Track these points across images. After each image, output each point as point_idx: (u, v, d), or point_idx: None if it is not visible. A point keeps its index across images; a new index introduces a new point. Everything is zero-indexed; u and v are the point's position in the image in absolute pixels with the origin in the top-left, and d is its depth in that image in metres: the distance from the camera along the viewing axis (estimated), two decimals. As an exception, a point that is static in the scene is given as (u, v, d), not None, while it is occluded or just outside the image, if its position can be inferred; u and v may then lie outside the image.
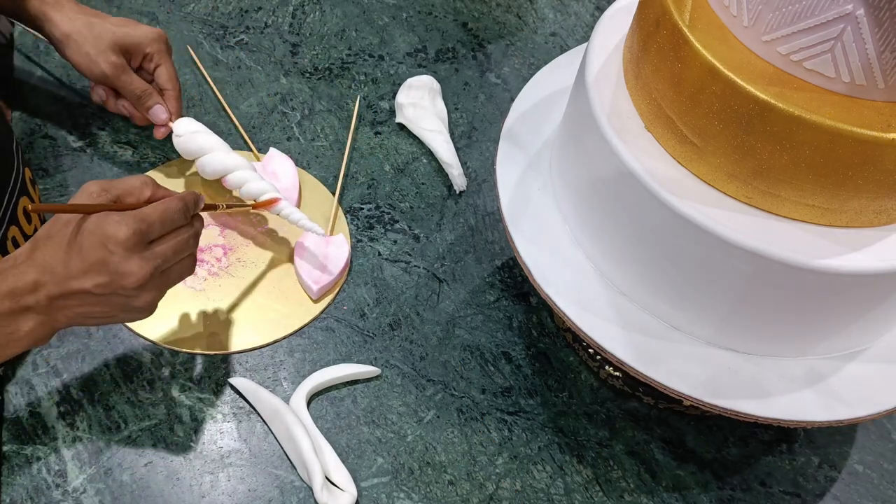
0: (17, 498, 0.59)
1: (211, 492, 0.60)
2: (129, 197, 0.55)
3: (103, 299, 0.53)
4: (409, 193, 0.80)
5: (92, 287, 0.52)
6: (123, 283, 0.52)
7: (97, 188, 0.54)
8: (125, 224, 0.52)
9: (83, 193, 0.54)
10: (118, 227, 0.52)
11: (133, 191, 0.56)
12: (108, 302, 0.54)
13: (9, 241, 0.64)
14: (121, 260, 0.52)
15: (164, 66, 0.74)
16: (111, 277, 0.52)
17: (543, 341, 0.71)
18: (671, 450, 0.66)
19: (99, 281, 0.52)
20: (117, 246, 0.52)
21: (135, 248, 0.52)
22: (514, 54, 0.95)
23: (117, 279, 0.52)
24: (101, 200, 0.53)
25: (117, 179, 0.56)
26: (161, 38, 0.74)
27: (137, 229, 0.52)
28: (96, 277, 0.52)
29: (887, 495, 0.65)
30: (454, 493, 0.62)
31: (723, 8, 0.48)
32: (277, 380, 0.66)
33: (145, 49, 0.73)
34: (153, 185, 0.57)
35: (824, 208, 0.47)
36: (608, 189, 0.53)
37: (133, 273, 0.52)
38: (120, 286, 0.53)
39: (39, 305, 0.52)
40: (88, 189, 0.54)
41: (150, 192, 0.56)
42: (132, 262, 0.52)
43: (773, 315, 0.51)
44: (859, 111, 0.44)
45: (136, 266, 0.52)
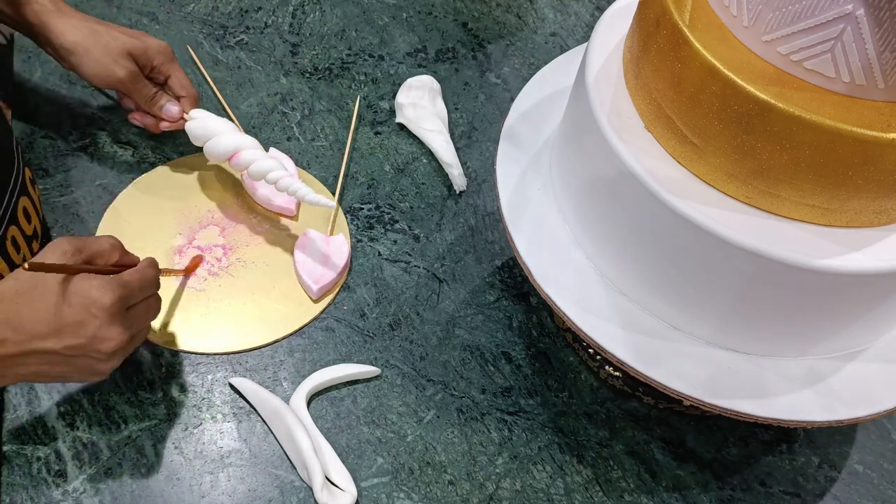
0: (17, 498, 0.59)
1: (211, 492, 0.60)
2: (99, 258, 0.56)
3: (68, 360, 0.53)
4: (409, 193, 0.80)
5: (61, 348, 0.52)
6: (100, 347, 0.53)
7: (70, 247, 0.54)
8: (111, 290, 0.53)
9: (55, 250, 0.54)
10: (104, 292, 0.52)
11: (103, 253, 0.57)
12: (71, 363, 0.54)
13: (8, 240, 0.64)
14: (102, 325, 0.52)
15: (175, 76, 0.75)
16: (87, 341, 0.52)
17: (543, 341, 0.71)
18: (671, 450, 0.66)
19: (72, 343, 0.52)
20: (102, 311, 0.52)
21: (117, 315, 0.53)
22: (514, 54, 0.95)
23: (94, 343, 0.53)
24: (74, 260, 0.54)
25: (88, 238, 0.56)
26: (167, 49, 0.75)
27: (121, 295, 0.53)
28: (70, 339, 0.52)
29: (887, 495, 0.65)
30: (454, 493, 0.62)
31: (723, 8, 0.48)
32: (277, 380, 0.66)
33: (154, 59, 0.73)
34: (121, 248, 0.58)
35: (824, 208, 0.47)
36: (608, 189, 0.53)
37: (113, 339, 0.53)
38: (94, 349, 0.53)
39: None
40: (61, 247, 0.54)
41: (118, 256, 0.58)
42: (113, 329, 0.53)
43: (773, 315, 0.51)
44: (859, 111, 0.44)
45: (117, 332, 0.53)
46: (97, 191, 0.76)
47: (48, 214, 0.74)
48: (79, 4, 0.92)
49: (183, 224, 0.75)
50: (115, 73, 0.70)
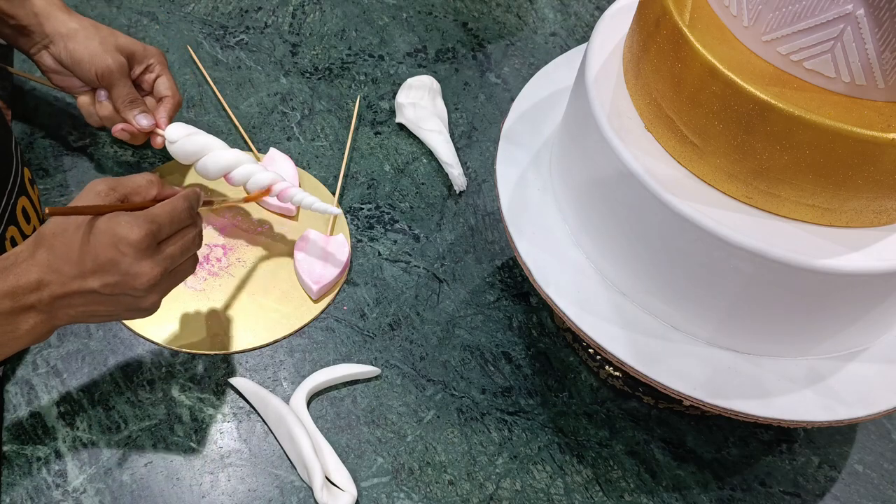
0: (17, 498, 0.59)
1: (211, 492, 0.60)
2: (136, 196, 0.56)
3: (110, 299, 0.54)
4: (409, 193, 0.80)
5: (100, 287, 0.52)
6: (134, 283, 0.53)
7: (104, 187, 0.54)
8: (137, 225, 0.52)
9: (90, 192, 0.54)
10: (130, 228, 0.52)
11: (139, 189, 0.56)
12: (114, 301, 0.54)
13: (7, 240, 0.64)
14: (132, 261, 0.52)
15: (164, 77, 0.74)
16: (122, 278, 0.52)
17: (543, 341, 0.71)
18: (671, 450, 0.66)
19: (108, 281, 0.52)
20: (129, 247, 0.52)
21: (146, 250, 0.53)
22: (514, 54, 0.95)
23: (128, 280, 0.53)
24: (109, 199, 0.54)
25: (123, 178, 0.56)
26: (162, 54, 0.75)
27: (149, 231, 0.53)
28: (106, 277, 0.52)
29: (887, 495, 0.65)
30: (454, 493, 0.62)
31: (723, 8, 0.48)
32: (277, 380, 0.66)
33: (148, 60, 0.74)
34: (159, 183, 0.57)
35: (824, 208, 0.47)
36: (608, 189, 0.53)
37: (144, 274, 0.53)
38: (130, 287, 0.53)
39: (42, 304, 0.52)
40: (95, 188, 0.54)
41: (155, 191, 0.57)
42: (144, 264, 0.53)
43: (773, 315, 0.51)
44: (859, 111, 0.44)
45: (148, 267, 0.53)
46: (97, 191, 0.76)
47: (48, 214, 0.74)
48: (79, 4, 0.92)
49: (183, 224, 0.74)
50: (106, 61, 0.70)
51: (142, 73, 0.74)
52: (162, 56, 0.75)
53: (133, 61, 0.73)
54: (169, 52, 0.90)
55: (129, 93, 0.73)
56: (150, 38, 0.91)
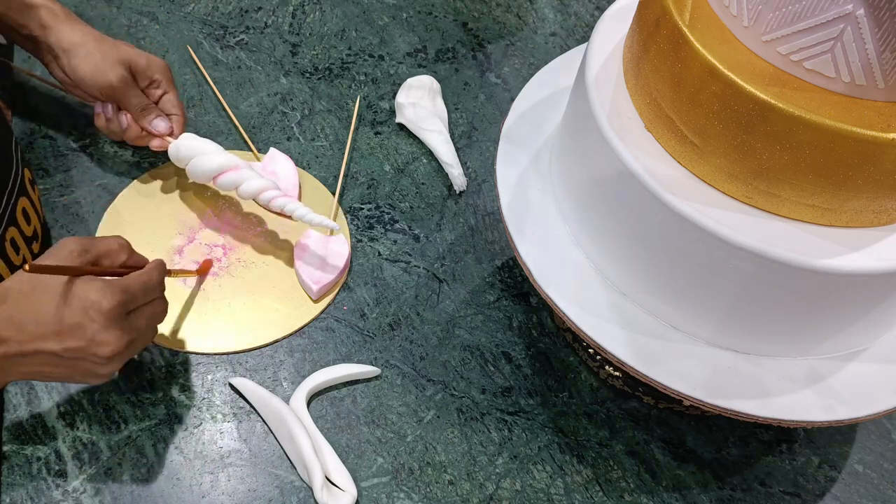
0: (17, 498, 0.59)
1: (211, 492, 0.60)
2: (106, 259, 0.56)
3: (69, 362, 0.53)
4: (409, 193, 0.80)
5: (61, 350, 0.52)
6: (97, 351, 0.53)
7: (77, 247, 0.54)
8: (110, 293, 0.52)
9: (62, 251, 0.54)
10: (104, 295, 0.52)
11: (111, 253, 0.56)
12: (72, 365, 0.54)
13: (7, 241, 0.64)
14: (100, 329, 0.52)
15: (170, 94, 0.75)
16: (86, 344, 0.52)
17: (543, 341, 0.71)
18: (671, 450, 0.66)
19: (71, 345, 0.52)
20: (99, 314, 0.52)
21: (116, 319, 0.53)
22: (514, 54, 0.95)
23: (92, 347, 0.52)
24: (81, 260, 0.54)
25: (96, 239, 0.56)
26: (167, 68, 0.75)
27: (121, 300, 0.53)
28: (70, 342, 0.52)
29: (887, 495, 0.65)
30: (454, 493, 0.62)
31: (723, 8, 0.48)
32: (277, 380, 0.66)
33: (152, 74, 0.74)
34: (128, 248, 0.58)
35: (824, 208, 0.47)
36: (608, 189, 0.53)
37: (110, 343, 0.53)
38: (92, 353, 0.53)
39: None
40: (68, 247, 0.54)
41: (125, 257, 0.57)
42: (110, 333, 0.53)
43: (773, 315, 0.51)
44: (859, 111, 0.44)
45: (115, 337, 0.53)
46: (97, 191, 0.76)
47: (48, 215, 0.74)
48: (79, 4, 0.92)
49: (183, 224, 0.75)
50: (108, 77, 0.70)
51: (147, 87, 0.74)
52: (167, 70, 0.75)
53: (137, 74, 0.73)
54: (169, 52, 0.90)
55: (139, 101, 0.73)
56: (150, 38, 0.91)
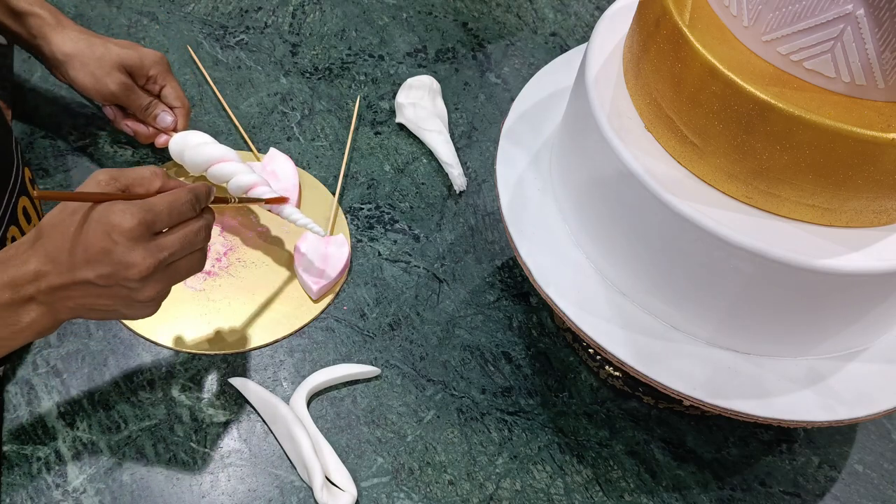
0: (17, 498, 0.59)
1: (211, 492, 0.60)
2: (139, 187, 0.54)
3: (106, 291, 0.52)
4: (409, 193, 0.80)
5: (95, 278, 0.51)
6: (126, 273, 0.51)
7: (106, 177, 0.53)
8: (130, 213, 0.51)
9: (91, 181, 0.52)
10: (123, 216, 0.50)
11: (142, 181, 0.54)
12: (112, 294, 0.52)
13: (8, 240, 0.64)
14: (124, 250, 0.50)
15: (170, 86, 0.75)
16: (114, 268, 0.51)
17: (543, 341, 0.71)
18: (671, 450, 0.66)
19: (102, 271, 0.51)
20: (121, 235, 0.50)
21: (140, 239, 0.51)
22: (514, 54, 0.95)
23: (120, 270, 0.51)
24: (110, 189, 0.52)
25: (127, 168, 0.54)
26: (163, 60, 0.75)
27: (143, 219, 0.51)
28: (99, 268, 0.51)
29: (887, 495, 0.65)
30: (454, 493, 0.62)
31: (723, 8, 0.48)
32: (277, 380, 0.66)
33: (149, 70, 0.74)
34: (163, 175, 0.55)
35: (824, 208, 0.47)
36: (608, 189, 0.53)
37: (136, 264, 0.51)
38: (123, 277, 0.51)
39: (41, 295, 0.51)
40: (97, 177, 0.53)
41: (159, 183, 0.55)
42: (136, 253, 0.51)
43: (773, 315, 0.51)
44: (859, 111, 0.44)
45: (140, 257, 0.51)
46: (97, 191, 0.76)
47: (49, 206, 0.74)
48: (79, 4, 0.92)
49: (183, 224, 0.75)
50: (108, 87, 0.71)
51: (146, 83, 0.74)
52: (162, 62, 0.75)
53: (133, 73, 0.73)
54: (169, 52, 0.90)
55: (142, 102, 0.73)
56: (150, 38, 0.91)
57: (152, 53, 0.74)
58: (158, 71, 0.74)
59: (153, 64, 0.74)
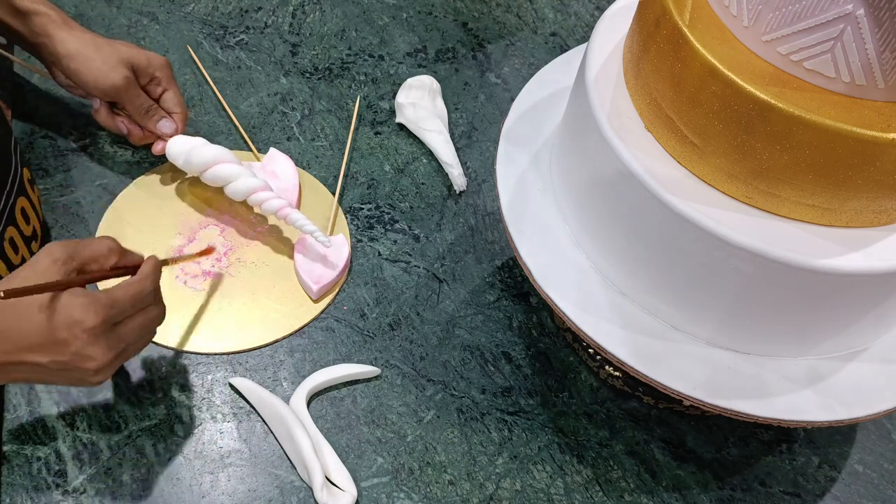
0: (17, 498, 0.59)
1: (211, 492, 0.60)
2: (94, 264, 0.55)
3: (57, 372, 0.53)
4: (409, 193, 0.80)
5: (48, 363, 0.52)
6: (84, 365, 0.52)
7: (62, 254, 0.53)
8: (94, 311, 0.51)
9: (47, 258, 0.53)
10: (86, 312, 0.51)
11: (98, 257, 0.55)
12: (61, 375, 0.54)
13: (6, 241, 0.64)
14: (84, 345, 0.51)
15: (171, 91, 0.75)
16: (71, 358, 0.52)
17: (543, 341, 0.71)
18: (671, 450, 0.66)
19: (57, 359, 0.52)
20: (83, 332, 0.51)
21: (101, 335, 0.52)
22: (514, 54, 0.95)
23: (76, 360, 0.52)
24: (67, 269, 0.53)
25: (82, 243, 0.55)
26: (168, 65, 0.75)
27: (106, 317, 0.52)
28: (55, 356, 0.51)
29: (887, 495, 0.65)
30: (454, 493, 0.62)
31: (723, 8, 0.48)
32: (277, 380, 0.66)
33: (153, 72, 0.74)
34: (118, 250, 0.56)
35: (824, 208, 0.47)
36: (608, 189, 0.53)
37: (95, 358, 0.52)
38: (78, 366, 0.52)
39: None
40: (53, 254, 0.53)
41: (115, 259, 0.56)
42: (95, 348, 0.52)
43: (773, 315, 0.51)
44: (859, 111, 0.44)
45: (100, 353, 0.52)
46: (97, 191, 0.76)
47: (48, 214, 0.74)
48: (79, 4, 0.92)
49: (183, 224, 0.75)
50: (112, 79, 0.70)
51: (147, 85, 0.74)
52: (167, 67, 0.75)
53: (137, 72, 0.73)
54: (169, 52, 0.90)
55: (143, 102, 0.73)
56: (150, 38, 0.91)
57: (159, 57, 0.74)
58: (163, 74, 0.74)
59: (158, 66, 0.74)
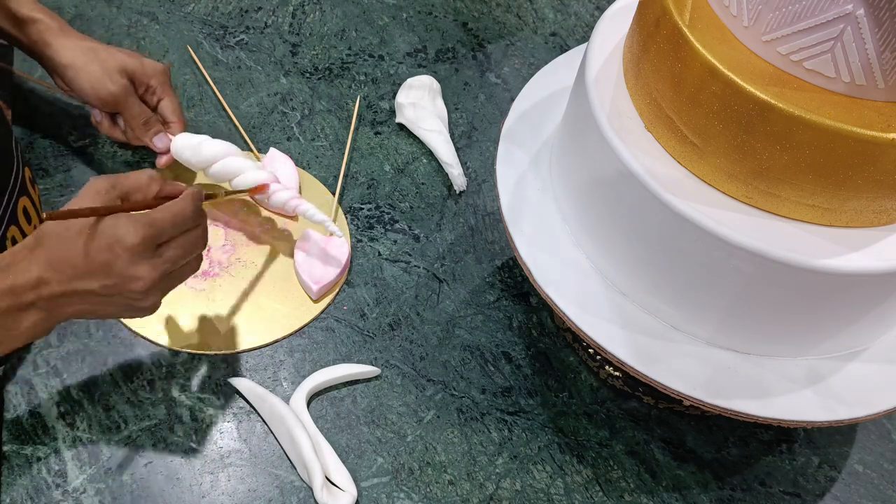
0: (17, 498, 0.59)
1: (211, 492, 0.60)
2: (137, 193, 0.55)
3: (108, 300, 0.53)
4: (409, 193, 0.80)
5: (98, 288, 0.52)
6: (131, 286, 0.53)
7: (104, 184, 0.54)
8: (134, 229, 0.52)
9: (90, 190, 0.53)
10: (128, 231, 0.52)
11: (140, 186, 0.56)
12: (113, 302, 0.54)
13: (8, 240, 0.64)
14: (128, 264, 0.52)
15: (168, 100, 0.75)
16: (118, 280, 0.52)
17: (543, 341, 0.71)
18: (671, 450, 0.66)
19: (106, 283, 0.52)
20: (126, 251, 0.52)
21: (143, 254, 0.52)
22: (514, 54, 0.95)
23: (124, 283, 0.52)
24: (109, 197, 0.53)
25: (124, 175, 0.55)
26: (166, 71, 0.75)
27: (147, 235, 0.52)
28: (103, 279, 0.52)
29: (887, 495, 0.65)
30: (454, 493, 0.62)
31: (723, 8, 0.48)
32: (277, 380, 0.66)
33: (150, 80, 0.73)
34: (160, 180, 0.57)
35: (824, 208, 0.47)
36: (608, 189, 0.53)
37: (141, 278, 0.53)
38: (126, 289, 0.53)
39: (41, 302, 0.52)
40: (96, 185, 0.53)
41: (157, 188, 0.56)
42: (140, 267, 0.52)
43: (773, 315, 0.51)
44: (859, 111, 0.44)
45: (145, 271, 0.53)
46: (97, 191, 0.76)
47: (48, 214, 0.74)
48: (79, 4, 0.92)
49: (183, 224, 0.75)
50: (108, 87, 0.70)
51: (144, 93, 0.74)
52: (165, 74, 0.74)
53: (135, 80, 0.73)
54: (169, 52, 0.90)
55: (141, 113, 0.73)
56: (150, 38, 0.91)
57: (155, 64, 0.74)
58: (159, 82, 0.74)
59: (155, 74, 0.73)
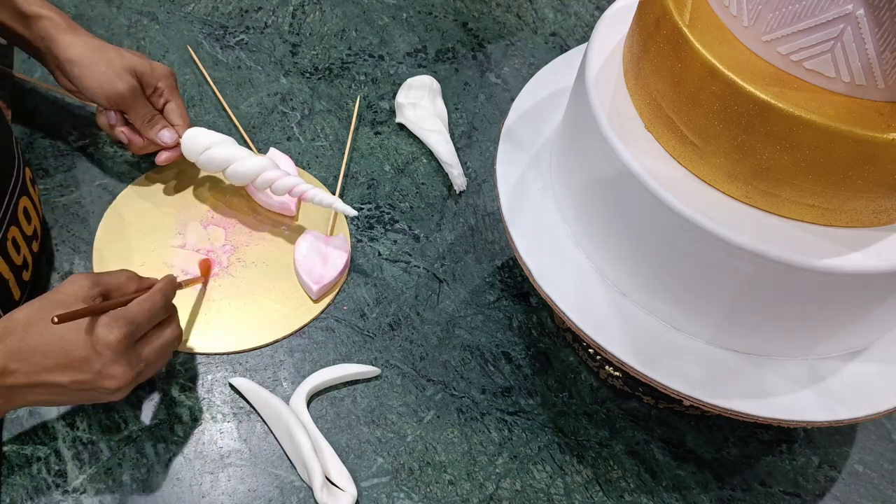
0: (17, 498, 0.59)
1: (211, 492, 0.60)
2: (116, 292, 0.57)
3: (76, 392, 0.54)
4: (409, 193, 0.80)
5: (68, 382, 0.53)
6: (103, 384, 0.54)
7: (87, 283, 0.55)
8: (116, 327, 0.53)
9: (73, 286, 0.55)
10: (109, 329, 0.53)
11: (120, 286, 0.58)
12: (79, 395, 0.55)
13: (9, 241, 0.64)
14: (108, 363, 0.53)
15: (174, 103, 0.74)
16: (91, 377, 0.53)
17: (543, 341, 0.71)
18: (671, 450, 0.66)
19: (78, 378, 0.53)
20: (106, 349, 0.53)
21: (123, 352, 0.54)
22: (514, 54, 0.95)
23: (97, 380, 0.53)
24: (92, 295, 0.55)
25: (103, 274, 0.57)
26: (173, 75, 0.75)
27: (127, 332, 0.54)
28: (76, 374, 0.53)
29: (887, 495, 0.65)
30: (454, 493, 0.62)
31: (723, 8, 0.48)
32: (277, 380, 0.66)
33: (157, 82, 0.73)
34: (136, 279, 0.59)
35: (824, 208, 0.47)
36: (608, 189, 0.53)
37: (116, 377, 0.54)
38: (98, 385, 0.54)
39: (2, 390, 0.52)
40: (79, 282, 0.55)
41: (134, 287, 0.59)
42: (117, 367, 0.53)
43: (774, 315, 0.51)
44: (859, 111, 0.44)
45: (121, 371, 0.54)
46: (97, 191, 0.76)
47: (48, 214, 0.74)
48: (79, 4, 0.92)
49: (183, 224, 0.75)
50: (117, 86, 0.70)
51: (150, 95, 0.74)
52: (171, 77, 0.74)
53: (143, 82, 0.72)
54: (169, 52, 0.90)
55: (146, 111, 0.73)
56: (150, 38, 0.91)
57: (164, 67, 0.74)
58: (167, 85, 0.74)
59: (163, 76, 0.73)
